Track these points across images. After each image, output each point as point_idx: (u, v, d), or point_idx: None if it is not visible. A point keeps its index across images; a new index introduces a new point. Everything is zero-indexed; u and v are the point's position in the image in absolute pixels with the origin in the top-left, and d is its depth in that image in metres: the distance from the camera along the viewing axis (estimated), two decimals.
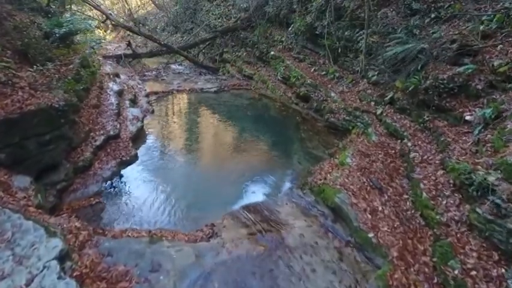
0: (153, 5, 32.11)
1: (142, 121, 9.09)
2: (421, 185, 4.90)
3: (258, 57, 16.03)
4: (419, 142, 6.26)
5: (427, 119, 6.66)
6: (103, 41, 27.40)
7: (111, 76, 11.83)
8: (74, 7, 19.07)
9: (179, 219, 5.58)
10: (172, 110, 11.33)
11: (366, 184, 5.33)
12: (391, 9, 10.14)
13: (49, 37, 8.32)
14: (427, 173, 5.16)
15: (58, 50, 8.27)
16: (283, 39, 15.21)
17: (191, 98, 12.82)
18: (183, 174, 7.11)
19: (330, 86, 10.70)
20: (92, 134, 7.43)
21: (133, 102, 10.35)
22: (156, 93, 12.66)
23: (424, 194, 4.66)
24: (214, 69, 17.51)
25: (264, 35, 16.26)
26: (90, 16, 18.46)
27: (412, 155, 5.93)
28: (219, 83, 14.41)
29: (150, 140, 8.55)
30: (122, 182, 6.57)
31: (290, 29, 14.85)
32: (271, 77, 13.97)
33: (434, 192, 4.65)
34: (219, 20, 19.89)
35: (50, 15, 9.80)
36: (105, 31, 34.82)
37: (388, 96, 8.10)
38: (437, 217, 4.26)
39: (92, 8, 16.96)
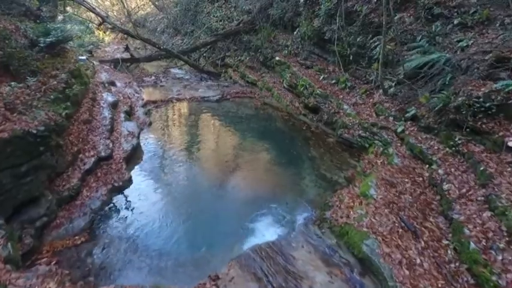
0: (152, 6, 31.27)
1: (138, 137, 8.30)
2: (466, 231, 4.11)
3: (262, 62, 15.25)
4: (452, 170, 5.47)
5: (459, 141, 5.85)
6: (101, 43, 26.80)
7: (106, 85, 11.05)
8: (69, 9, 18.33)
9: (178, 263, 4.79)
10: (171, 122, 10.55)
11: (396, 225, 4.54)
12: (409, 14, 9.35)
13: (36, 45, 7.57)
14: (470, 214, 4.36)
15: (45, 60, 7.50)
16: (288, 43, 14.43)
17: (191, 108, 12.02)
18: (181, 202, 6.30)
19: (341, 96, 9.91)
20: (81, 155, 6.65)
21: (129, 114, 9.58)
22: (154, 102, 11.88)
23: (472, 245, 3.87)
24: (216, 74, 16.75)
25: (268, 39, 15.48)
26: (85, 19, 17.71)
27: (445, 186, 5.13)
28: (221, 90, 13.62)
29: (146, 159, 7.75)
30: (112, 214, 5.78)
31: (296, 33, 14.09)
32: (276, 84, 13.19)
33: (484, 243, 3.86)
34: (221, 23, 19.10)
35: (38, 21, 9.03)
36: (104, 32, 34.08)
37: (410, 113, 7.30)
38: (494, 278, 3.48)
39: (88, 10, 16.16)
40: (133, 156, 7.65)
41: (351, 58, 10.59)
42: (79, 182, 5.99)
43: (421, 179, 5.79)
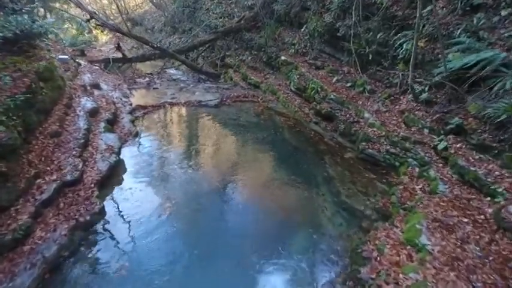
0: (150, 4, 29.90)
1: (118, 153, 6.88)
2: None
3: (266, 62, 13.83)
4: None
5: None
6: (94, 42, 25.40)
7: (88, 88, 9.65)
8: (57, 5, 16.98)
9: None
10: (162, 131, 9.11)
11: None
12: (441, 6, 7.91)
13: None
14: None
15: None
16: (295, 41, 13.04)
17: (186, 114, 10.61)
18: (167, 242, 4.86)
19: (360, 102, 8.47)
20: (39, 180, 5.23)
21: (112, 123, 8.16)
22: (144, 107, 10.45)
23: None
24: (215, 75, 15.34)
25: (272, 37, 14.07)
26: (72, 14, 16.33)
27: None
28: (220, 94, 12.19)
29: (127, 181, 6.32)
30: (71, 264, 4.35)
31: (303, 30, 12.67)
32: (282, 87, 11.76)
33: None
34: (221, 20, 17.73)
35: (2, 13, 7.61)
36: (102, 31, 32.83)
37: (455, 124, 5.86)
38: None
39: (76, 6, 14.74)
40: (111, 177, 6.22)
41: (370, 58, 9.14)
42: (31, 218, 4.57)
43: (483, 217, 4.34)
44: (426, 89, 7.09)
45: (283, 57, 12.58)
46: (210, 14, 18.76)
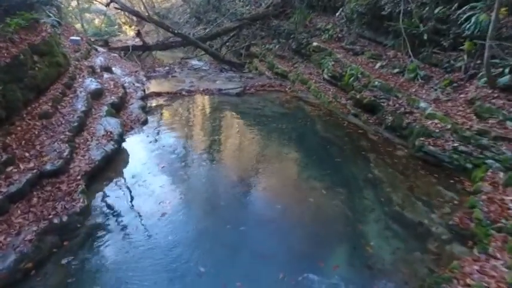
0: None
1: (119, 141, 5.77)
2: None
3: (295, 50, 12.44)
4: None
5: None
6: (118, 33, 25.11)
7: (98, 70, 8.71)
8: None
9: None
10: (175, 119, 7.98)
11: None
12: None
13: None
14: None
15: None
16: (328, 27, 11.61)
17: (205, 103, 9.46)
18: (168, 263, 3.59)
19: (413, 90, 6.93)
20: (10, 168, 4.18)
21: (117, 108, 7.12)
22: (158, 94, 9.47)
23: None
24: (239, 64, 14.16)
25: (303, 23, 12.67)
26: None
27: None
28: (243, 83, 11.00)
29: (126, 173, 5.21)
30: (35, 282, 3.22)
31: (339, 13, 11.24)
32: (314, 76, 10.37)
33: None
34: (247, 8, 16.54)
35: None
36: (129, 26, 33.03)
37: None
38: None
39: None
40: (106, 169, 5.13)
41: (424, 38, 7.52)
42: None
43: None
44: (507, 70, 5.47)
45: (315, 44, 11.17)
46: (236, 2, 17.66)
